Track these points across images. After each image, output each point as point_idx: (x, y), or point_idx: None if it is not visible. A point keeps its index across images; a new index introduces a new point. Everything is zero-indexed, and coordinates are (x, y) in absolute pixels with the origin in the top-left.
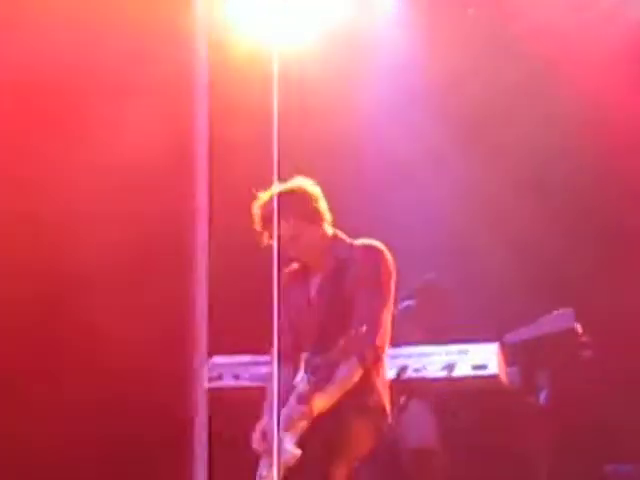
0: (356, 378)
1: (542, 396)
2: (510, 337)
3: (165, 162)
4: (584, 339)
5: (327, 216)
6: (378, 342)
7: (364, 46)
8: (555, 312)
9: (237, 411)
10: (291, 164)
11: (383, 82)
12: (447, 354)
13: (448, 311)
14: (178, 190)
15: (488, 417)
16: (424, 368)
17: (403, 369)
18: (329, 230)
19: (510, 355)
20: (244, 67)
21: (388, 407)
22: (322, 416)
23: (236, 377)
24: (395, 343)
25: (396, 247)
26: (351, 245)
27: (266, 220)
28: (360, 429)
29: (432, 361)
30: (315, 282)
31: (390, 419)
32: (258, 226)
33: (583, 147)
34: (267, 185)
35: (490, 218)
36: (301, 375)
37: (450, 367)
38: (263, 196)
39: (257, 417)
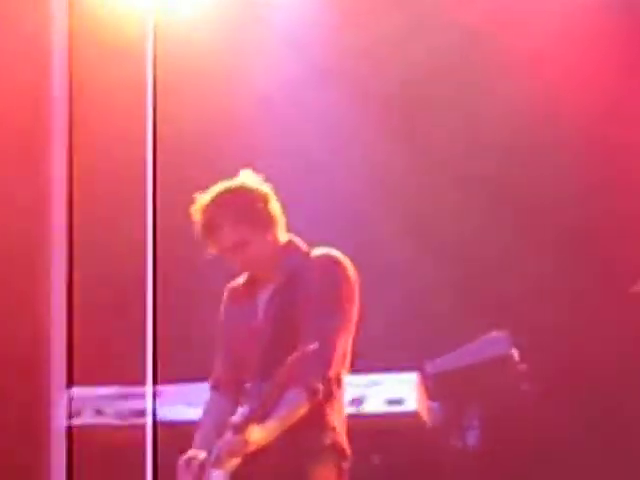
0: (302, 412)
1: (470, 437)
2: (433, 366)
3: (18, 139)
4: (521, 368)
5: (280, 220)
6: (331, 371)
7: (262, 14)
8: (487, 336)
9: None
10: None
11: (285, 57)
12: (355, 386)
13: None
14: (30, 178)
15: (405, 462)
16: None
17: None
18: (282, 236)
19: (432, 387)
20: (112, 31)
21: (347, 446)
22: (271, 461)
23: (99, 412)
24: None
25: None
26: (307, 254)
27: (208, 227)
28: (320, 474)
29: None
30: (263, 298)
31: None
32: (199, 235)
33: (524, 140)
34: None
35: (409, 218)
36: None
37: (359, 401)
38: (202, 198)
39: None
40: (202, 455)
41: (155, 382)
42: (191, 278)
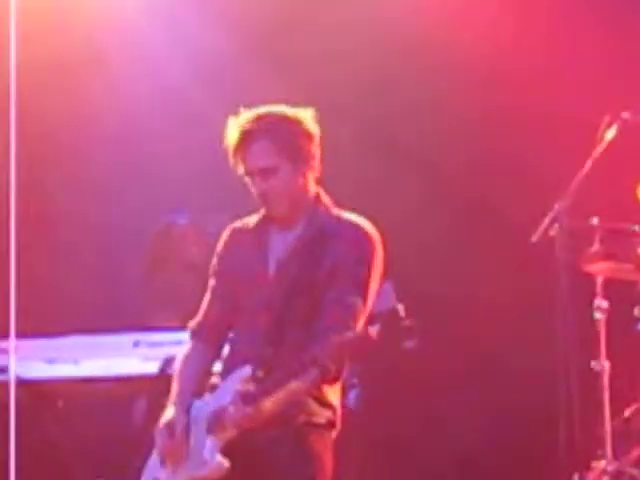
0: (312, 390)
1: (351, 397)
2: None
3: None
4: (407, 323)
5: (316, 167)
6: (345, 355)
7: None
8: None
9: None
10: None
11: None
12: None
13: None
14: None
15: None
16: None
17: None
18: (312, 186)
19: None
20: None
21: (339, 425)
22: (268, 433)
23: None
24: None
25: None
26: (337, 217)
27: (243, 140)
28: (317, 449)
29: None
30: (278, 245)
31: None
32: (232, 150)
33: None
34: None
35: None
36: (247, 369)
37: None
38: (246, 114)
39: None
40: (184, 419)
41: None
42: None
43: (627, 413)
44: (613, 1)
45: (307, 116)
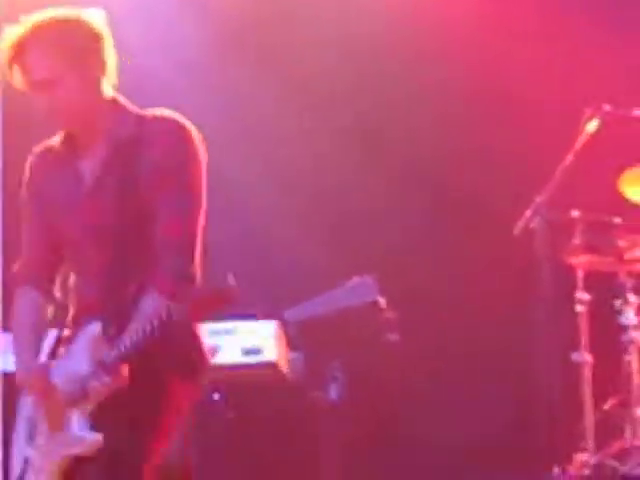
0: (172, 347)
1: (333, 390)
2: (293, 313)
3: None
4: (389, 316)
5: (110, 70)
6: (193, 267)
7: None
8: (352, 281)
9: None
10: None
11: None
12: (208, 334)
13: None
14: None
15: (263, 417)
16: None
17: None
18: (108, 90)
19: (292, 337)
20: None
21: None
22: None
23: None
24: None
25: None
26: (141, 117)
27: (15, 59)
28: (179, 390)
29: None
30: (88, 167)
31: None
32: (5, 65)
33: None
34: None
35: (275, 163)
36: (96, 326)
37: (212, 351)
38: (19, 23)
39: None
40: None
41: None
42: None
43: (607, 405)
44: None
45: (94, 16)
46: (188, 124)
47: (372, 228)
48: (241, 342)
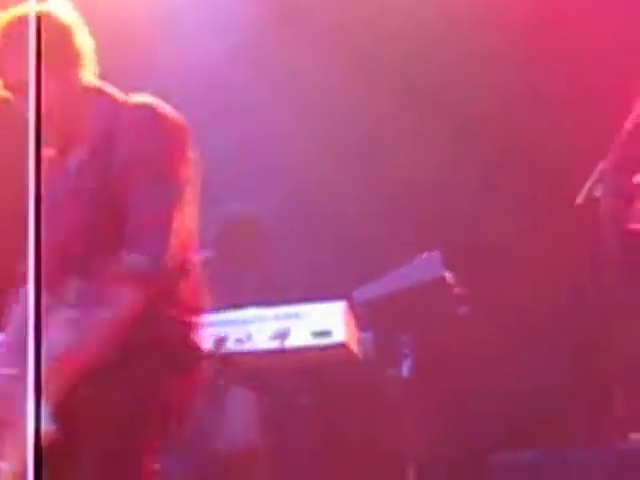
0: (134, 308)
1: (405, 367)
2: (361, 293)
3: None
4: (457, 291)
5: (86, 60)
6: (167, 256)
7: None
8: (418, 258)
9: None
10: None
11: None
12: (276, 318)
13: (267, 257)
14: None
15: (335, 399)
16: (249, 338)
17: (221, 341)
18: (91, 80)
19: (361, 317)
20: None
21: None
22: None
23: None
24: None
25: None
26: (122, 105)
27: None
28: (165, 379)
29: (258, 328)
30: (73, 164)
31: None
32: None
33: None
34: None
35: (336, 140)
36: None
37: (282, 335)
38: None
39: None
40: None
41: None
42: None
43: None
44: None
45: (58, 6)
46: (166, 111)
47: (432, 202)
48: (310, 325)
